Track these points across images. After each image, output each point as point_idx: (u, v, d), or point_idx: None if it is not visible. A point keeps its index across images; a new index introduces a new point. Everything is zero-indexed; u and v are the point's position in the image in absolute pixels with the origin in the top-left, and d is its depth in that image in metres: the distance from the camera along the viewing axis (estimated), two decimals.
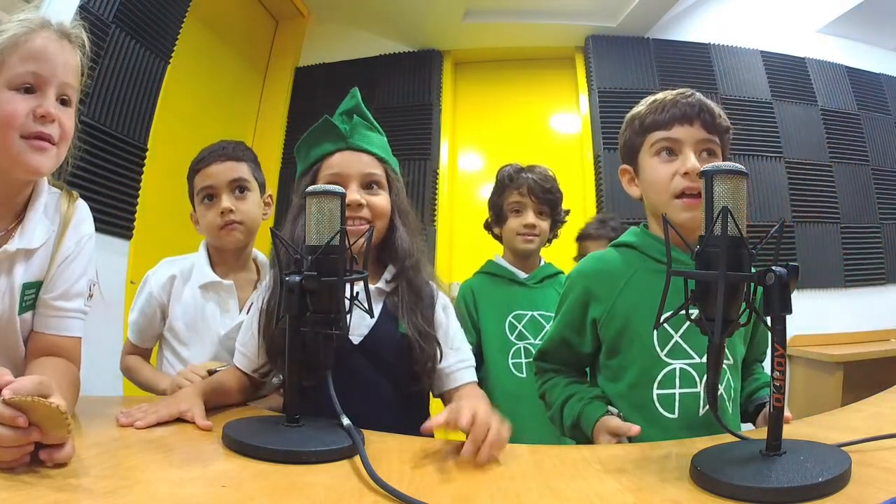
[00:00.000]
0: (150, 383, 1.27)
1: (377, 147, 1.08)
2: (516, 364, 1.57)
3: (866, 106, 3.38)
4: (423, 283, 1.07)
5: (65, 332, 0.92)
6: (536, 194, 1.64)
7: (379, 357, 1.01)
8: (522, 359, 1.57)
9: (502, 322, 1.61)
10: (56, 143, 0.85)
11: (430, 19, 3.36)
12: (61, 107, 0.86)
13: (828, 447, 0.69)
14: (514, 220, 1.66)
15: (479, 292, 1.68)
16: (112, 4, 2.15)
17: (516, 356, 1.58)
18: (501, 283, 1.68)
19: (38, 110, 0.82)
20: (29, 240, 0.88)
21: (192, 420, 0.86)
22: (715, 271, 0.65)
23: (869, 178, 3.28)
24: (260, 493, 0.61)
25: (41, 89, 0.83)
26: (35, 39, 0.83)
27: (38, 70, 0.83)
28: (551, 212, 1.67)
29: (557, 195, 1.67)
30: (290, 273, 0.79)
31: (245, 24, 3.35)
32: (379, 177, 1.07)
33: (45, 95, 0.83)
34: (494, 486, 0.66)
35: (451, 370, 1.05)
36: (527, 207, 1.65)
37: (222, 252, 1.35)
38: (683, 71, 3.27)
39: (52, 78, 0.84)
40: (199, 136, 2.77)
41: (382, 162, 1.08)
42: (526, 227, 1.64)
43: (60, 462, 0.62)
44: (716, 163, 0.83)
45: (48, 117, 0.83)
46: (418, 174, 3.19)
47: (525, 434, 1.28)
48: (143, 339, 1.35)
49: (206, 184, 1.32)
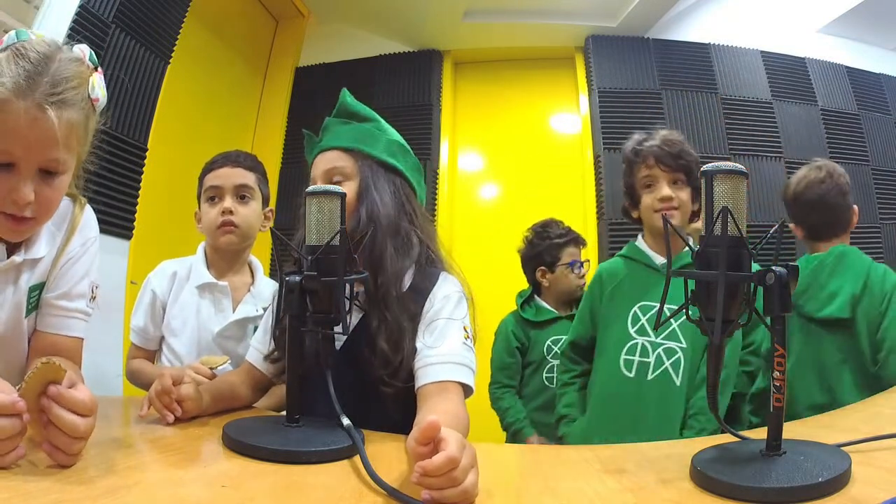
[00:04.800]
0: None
1: (344, 139, 1.05)
2: (627, 361, 1.41)
3: (866, 106, 3.38)
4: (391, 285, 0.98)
5: (66, 331, 0.92)
6: (666, 162, 1.44)
7: (358, 358, 0.97)
8: (636, 356, 1.40)
9: (626, 313, 1.44)
10: (35, 217, 0.80)
11: (430, 19, 3.35)
12: (44, 178, 0.79)
13: (828, 447, 0.69)
14: (647, 196, 1.46)
15: (609, 278, 1.52)
16: (112, 4, 2.14)
17: (630, 352, 1.41)
18: (637, 268, 1.49)
19: (11, 195, 0.76)
20: (35, 250, 0.88)
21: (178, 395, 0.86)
22: (715, 271, 0.65)
23: (869, 178, 3.28)
24: (260, 493, 0.61)
25: (18, 167, 0.76)
26: (7, 115, 0.73)
27: (10, 149, 0.74)
28: (688, 179, 1.45)
29: (690, 159, 1.46)
30: (290, 273, 0.79)
31: (245, 24, 3.35)
32: (345, 170, 1.02)
33: (20, 175, 0.76)
34: (494, 487, 0.66)
35: (423, 364, 0.92)
36: (659, 179, 1.45)
37: (219, 254, 1.41)
38: (683, 71, 3.27)
39: (29, 157, 0.76)
40: (199, 136, 2.78)
41: (348, 151, 1.04)
42: (662, 202, 1.43)
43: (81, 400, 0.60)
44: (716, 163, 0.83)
45: (19, 202, 0.76)
46: None
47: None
48: (146, 340, 1.38)
49: (213, 184, 1.39)
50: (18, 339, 0.89)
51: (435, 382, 0.90)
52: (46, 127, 0.75)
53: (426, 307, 0.99)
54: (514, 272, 2.22)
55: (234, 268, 1.42)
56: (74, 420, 0.60)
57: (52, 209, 0.83)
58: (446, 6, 3.24)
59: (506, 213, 3.32)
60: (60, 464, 0.61)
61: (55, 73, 0.77)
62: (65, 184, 0.83)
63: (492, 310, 1.07)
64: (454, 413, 0.84)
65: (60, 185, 0.82)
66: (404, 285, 1.00)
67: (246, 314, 1.36)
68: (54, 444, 0.60)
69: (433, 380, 0.90)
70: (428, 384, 0.90)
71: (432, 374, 0.90)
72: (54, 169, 0.79)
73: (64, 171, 0.81)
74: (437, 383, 0.89)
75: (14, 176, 0.76)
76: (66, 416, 0.59)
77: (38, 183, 0.78)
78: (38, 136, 0.75)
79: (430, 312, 0.98)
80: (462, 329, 0.97)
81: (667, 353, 1.36)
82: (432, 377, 0.90)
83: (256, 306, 1.38)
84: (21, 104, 0.73)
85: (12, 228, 0.80)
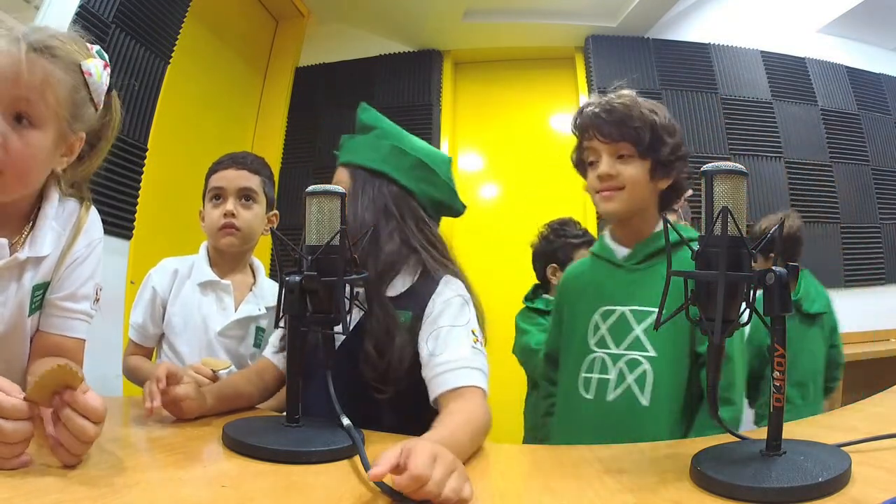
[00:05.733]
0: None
1: (343, 154, 1.08)
2: (585, 380, 1.14)
3: (866, 106, 3.38)
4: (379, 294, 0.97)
5: (69, 332, 0.92)
6: (603, 131, 1.11)
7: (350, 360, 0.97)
8: (595, 373, 1.13)
9: (586, 321, 1.17)
10: (2, 169, 0.76)
11: (430, 19, 3.36)
12: (16, 128, 0.76)
13: (828, 447, 0.69)
14: (590, 174, 1.16)
15: (572, 280, 1.29)
16: (112, 4, 2.15)
17: (589, 369, 1.14)
18: (599, 266, 1.22)
19: None
20: (39, 248, 0.87)
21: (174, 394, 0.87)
22: (715, 271, 0.65)
23: (869, 178, 3.28)
24: (260, 493, 0.61)
25: None
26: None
27: None
28: (641, 150, 1.10)
29: (638, 124, 1.09)
30: (290, 273, 0.79)
31: (245, 24, 3.35)
32: (340, 184, 1.00)
33: None
34: (494, 486, 0.66)
35: (433, 374, 0.90)
36: (600, 153, 1.13)
37: (221, 254, 1.40)
38: (683, 71, 3.27)
39: (3, 93, 0.74)
40: (199, 136, 2.78)
41: (346, 166, 1.07)
42: (601, 181, 1.13)
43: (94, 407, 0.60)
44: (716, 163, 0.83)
45: None
46: None
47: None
48: (145, 337, 1.37)
49: (217, 184, 1.39)
50: (20, 339, 0.89)
51: (449, 391, 0.87)
52: (36, 66, 0.75)
53: (426, 312, 0.97)
54: (515, 272, 2.22)
55: (237, 268, 1.42)
56: (84, 425, 0.60)
57: (23, 168, 0.79)
58: (446, 6, 3.24)
59: (506, 213, 3.32)
60: (64, 462, 0.61)
61: (46, 29, 0.78)
62: (40, 144, 0.79)
63: (490, 310, 1.05)
64: (467, 415, 0.82)
65: (34, 143, 0.78)
66: (396, 290, 1.00)
67: (248, 313, 1.36)
68: (61, 444, 0.61)
69: (446, 388, 0.88)
70: (442, 393, 0.88)
71: (444, 383, 0.88)
72: (29, 115, 0.77)
73: (39, 125, 0.78)
74: (452, 391, 0.87)
75: None
76: (78, 420, 0.60)
77: (8, 131, 0.76)
78: (25, 73, 0.74)
79: (429, 318, 0.96)
80: (469, 333, 0.94)
81: (629, 365, 1.08)
82: (444, 386, 0.88)
83: (259, 306, 1.38)
84: (16, 44, 0.74)
85: None
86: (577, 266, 1.33)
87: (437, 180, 1.09)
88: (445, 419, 0.81)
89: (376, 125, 1.09)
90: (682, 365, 1.07)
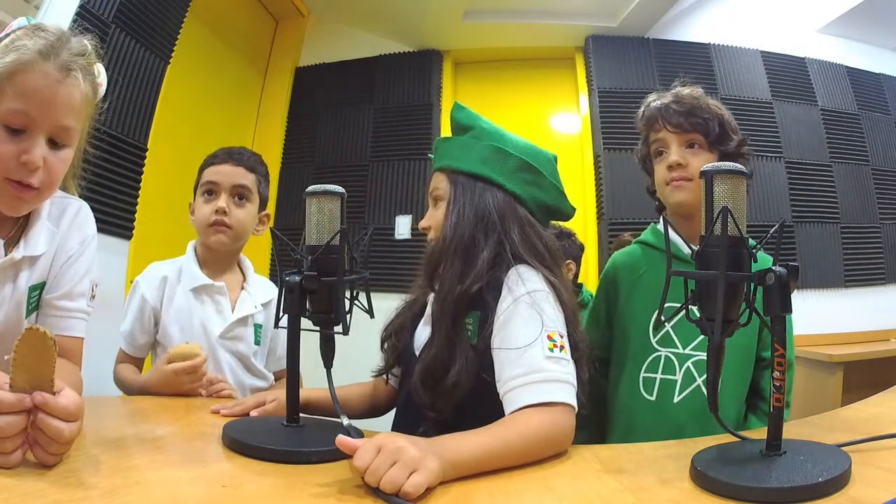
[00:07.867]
0: (144, 387, 1.20)
1: (439, 159, 1.03)
2: (647, 380, 1.09)
3: (866, 106, 3.38)
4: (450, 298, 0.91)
5: (67, 332, 0.92)
6: (673, 121, 1.13)
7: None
8: (658, 373, 1.08)
9: (647, 317, 1.11)
10: (39, 187, 0.80)
11: (430, 19, 3.35)
12: (52, 150, 0.80)
13: (828, 447, 0.69)
14: (658, 166, 1.16)
15: (625, 272, 1.20)
16: (112, 4, 2.15)
17: (651, 368, 1.09)
18: (657, 258, 1.17)
19: (22, 157, 0.77)
20: (34, 247, 0.88)
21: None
22: (715, 271, 0.65)
23: (869, 178, 3.28)
24: (260, 493, 0.61)
25: (30, 131, 0.77)
26: (31, 75, 0.76)
27: (28, 111, 0.76)
28: (710, 140, 1.12)
29: (707, 115, 1.12)
30: (290, 273, 0.79)
31: (245, 24, 3.35)
32: (440, 192, 1.00)
33: (33, 139, 0.77)
34: (494, 486, 0.66)
35: (503, 391, 0.83)
36: (669, 144, 1.14)
37: (211, 253, 1.36)
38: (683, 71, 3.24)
39: (44, 121, 0.78)
40: (199, 136, 2.78)
41: (443, 171, 1.01)
42: (671, 170, 1.12)
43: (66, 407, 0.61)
44: (715, 163, 0.83)
45: (30, 166, 0.77)
46: (418, 174, 3.19)
47: None
48: (136, 348, 1.32)
49: (211, 179, 1.34)
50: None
51: (516, 411, 0.79)
52: (70, 90, 0.79)
53: (497, 313, 0.89)
54: None
55: (227, 267, 1.38)
56: (59, 426, 0.60)
57: (56, 183, 0.83)
58: (446, 6, 3.24)
59: None
60: (43, 463, 0.61)
61: (73, 46, 0.81)
62: (69, 158, 0.83)
63: None
64: (508, 426, 0.75)
65: (66, 158, 0.83)
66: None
67: (245, 312, 1.34)
68: (39, 445, 0.61)
69: (513, 408, 0.80)
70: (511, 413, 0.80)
71: (512, 402, 0.81)
72: (64, 139, 0.81)
73: (71, 143, 0.83)
74: (519, 411, 0.79)
75: (25, 141, 0.77)
76: (52, 422, 0.60)
77: (48, 153, 0.80)
78: (61, 99, 0.78)
79: (497, 323, 0.88)
80: (545, 339, 0.83)
81: (698, 367, 1.04)
82: (512, 405, 0.80)
83: (254, 303, 1.36)
84: (47, 65, 0.77)
85: (16, 195, 0.80)
86: (625, 255, 1.23)
87: (544, 182, 1.00)
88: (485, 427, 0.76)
89: (473, 124, 1.02)
90: (747, 369, 1.09)
